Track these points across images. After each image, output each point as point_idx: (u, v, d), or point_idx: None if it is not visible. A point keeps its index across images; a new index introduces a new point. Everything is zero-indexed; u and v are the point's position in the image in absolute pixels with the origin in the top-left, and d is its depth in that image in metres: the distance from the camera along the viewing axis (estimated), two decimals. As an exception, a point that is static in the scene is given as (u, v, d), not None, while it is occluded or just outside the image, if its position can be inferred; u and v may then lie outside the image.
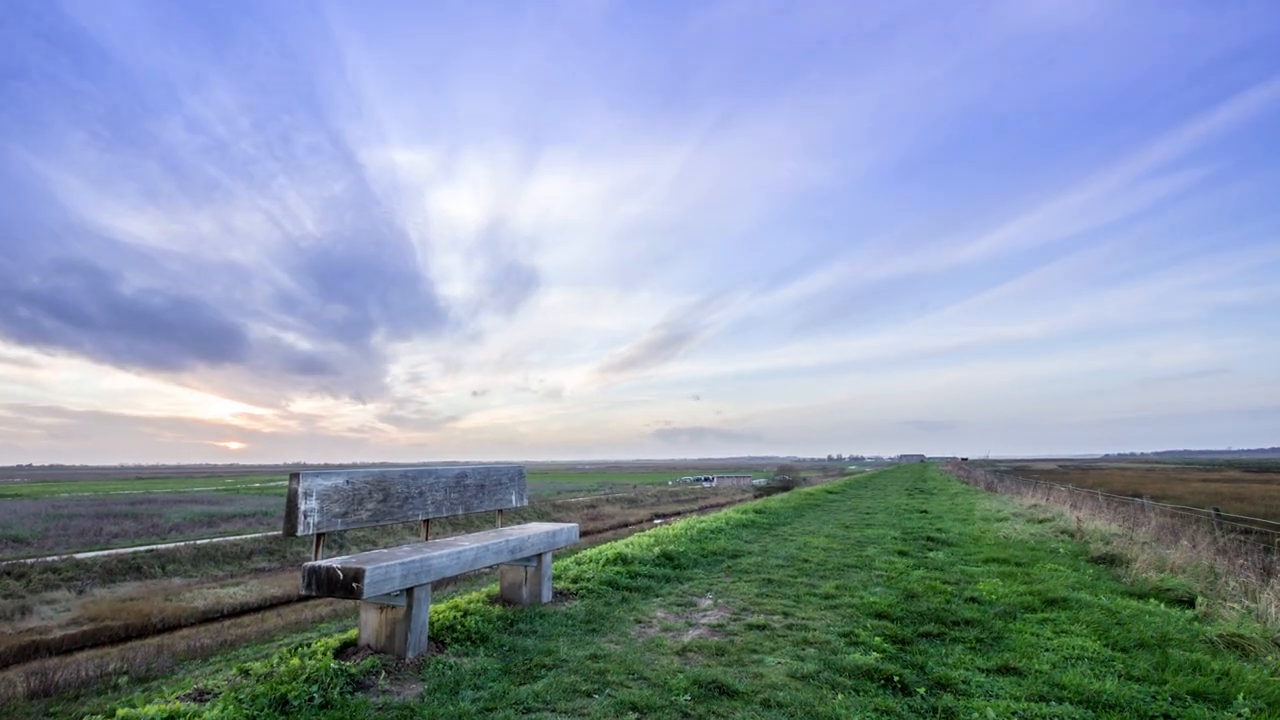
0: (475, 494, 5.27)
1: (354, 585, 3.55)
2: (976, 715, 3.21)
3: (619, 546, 7.79)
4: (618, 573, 6.44)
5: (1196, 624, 4.81)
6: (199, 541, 28.53)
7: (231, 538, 30.12)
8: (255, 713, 3.10)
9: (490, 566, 4.85)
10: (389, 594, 3.83)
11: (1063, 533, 9.90)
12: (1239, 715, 3.24)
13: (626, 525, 43.69)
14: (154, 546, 27.15)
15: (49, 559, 23.69)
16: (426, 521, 4.94)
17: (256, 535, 31.05)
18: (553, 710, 3.25)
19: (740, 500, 45.16)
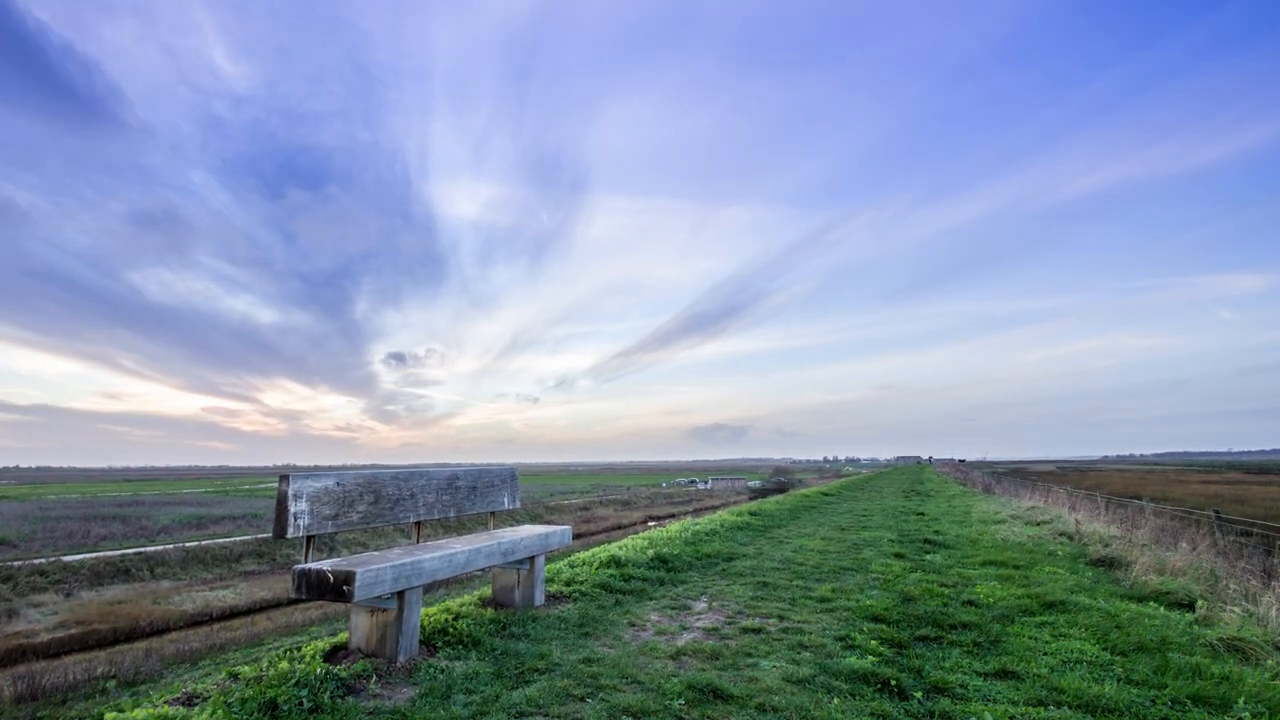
0: (467, 496, 5.23)
1: (344, 588, 3.51)
2: (975, 720, 3.17)
3: (612, 549, 7.74)
4: (611, 575, 6.39)
5: (1196, 627, 4.78)
6: (187, 544, 28.34)
7: (220, 540, 29.93)
8: (244, 717, 3.05)
9: (482, 569, 4.80)
10: (380, 597, 3.80)
11: (1061, 535, 9.88)
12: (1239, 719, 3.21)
13: (620, 528, 43.67)
14: (142, 549, 26.94)
15: (36, 561, 23.48)
16: (418, 524, 4.89)
17: (246, 538, 30.86)
18: (545, 715, 3.20)
19: (735, 502, 45.19)
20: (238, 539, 30.35)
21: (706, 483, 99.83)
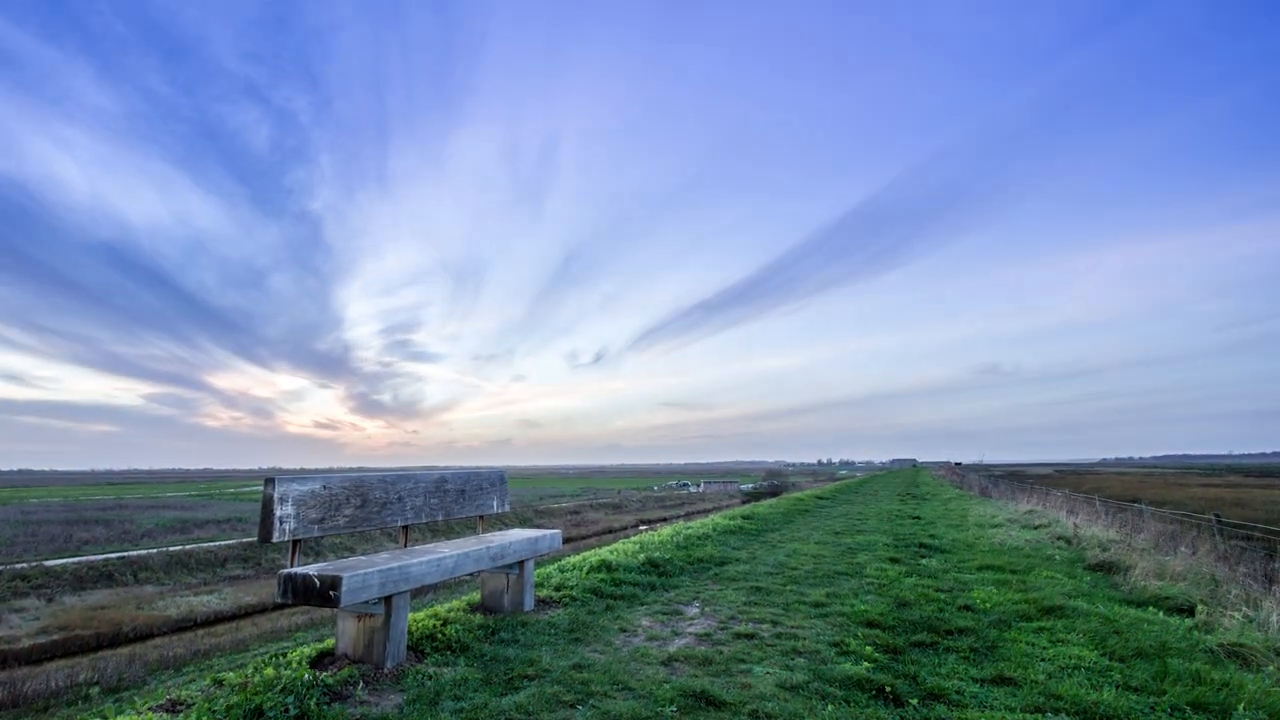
0: (455, 499, 5.16)
1: (331, 593, 3.46)
2: (973, 727, 3.12)
3: (603, 553, 7.67)
4: (602, 580, 6.32)
5: (1196, 633, 4.77)
6: (171, 548, 28.06)
7: (205, 544, 29.65)
8: (227, 725, 2.97)
9: (471, 574, 4.74)
10: (367, 602, 3.75)
11: (1059, 539, 9.87)
12: (1240, 727, 3.18)
13: (611, 531, 43.55)
14: (125, 553, 26.63)
15: (18, 566, 23.16)
16: (405, 528, 4.82)
17: (231, 542, 30.58)
18: (535, 723, 3.13)
19: (728, 506, 45.19)
20: (222, 543, 30.06)
21: (698, 486, 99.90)
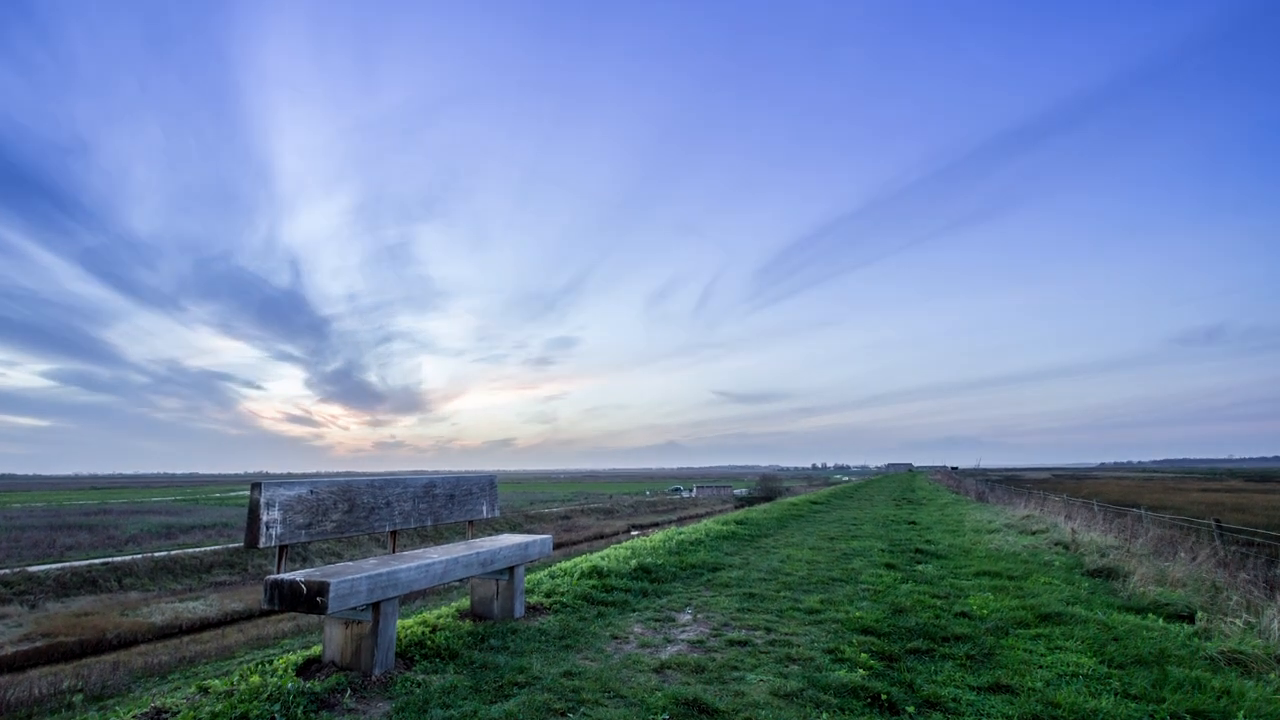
0: (445, 504, 5.11)
1: (318, 599, 3.41)
2: (972, 736, 3.08)
3: (594, 559, 7.61)
4: (593, 586, 6.27)
5: (1196, 640, 4.76)
6: (157, 554, 27.76)
7: (190, 550, 29.37)
8: (213, 733, 2.91)
9: (460, 580, 4.68)
10: (354, 608, 3.70)
11: (1057, 545, 9.86)
12: (1240, 734, 3.15)
13: (602, 537, 43.38)
14: (110, 559, 26.33)
15: (0, 572, 22.83)
16: (394, 533, 4.76)
17: (216, 547, 30.31)
18: (525, 733, 3.07)
19: (721, 511, 45.15)
20: (208, 549, 29.78)
21: (691, 491, 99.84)
